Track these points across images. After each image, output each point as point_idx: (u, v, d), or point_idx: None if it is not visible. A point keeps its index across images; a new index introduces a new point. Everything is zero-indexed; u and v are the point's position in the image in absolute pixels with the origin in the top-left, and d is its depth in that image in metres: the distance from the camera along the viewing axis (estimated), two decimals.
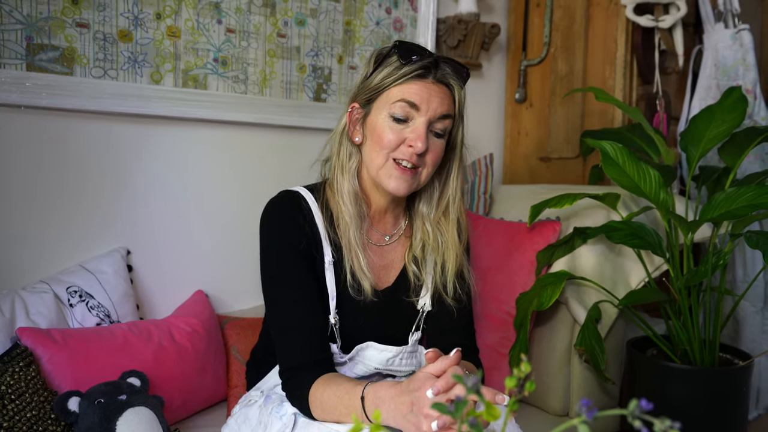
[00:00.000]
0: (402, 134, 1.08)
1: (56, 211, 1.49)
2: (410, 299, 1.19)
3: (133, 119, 1.57)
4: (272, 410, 1.08)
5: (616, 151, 1.49)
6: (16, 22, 1.40)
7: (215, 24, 1.69)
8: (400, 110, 1.07)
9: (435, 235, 1.19)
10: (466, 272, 1.21)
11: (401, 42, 1.10)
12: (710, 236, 1.61)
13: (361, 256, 1.12)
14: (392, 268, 1.20)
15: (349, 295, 1.12)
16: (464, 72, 1.14)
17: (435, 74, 1.09)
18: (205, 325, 1.53)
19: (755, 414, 2.18)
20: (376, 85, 1.10)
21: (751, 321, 2.17)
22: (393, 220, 1.22)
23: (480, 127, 2.36)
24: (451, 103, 1.11)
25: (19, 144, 1.43)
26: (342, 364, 1.15)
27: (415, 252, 1.19)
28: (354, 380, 1.00)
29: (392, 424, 0.89)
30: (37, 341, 1.23)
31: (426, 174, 1.12)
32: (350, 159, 1.15)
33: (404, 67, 1.07)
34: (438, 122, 1.09)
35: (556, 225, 1.65)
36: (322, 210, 1.14)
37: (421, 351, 1.22)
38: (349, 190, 1.13)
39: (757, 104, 2.09)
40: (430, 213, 1.19)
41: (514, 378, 0.54)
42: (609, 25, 2.07)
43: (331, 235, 1.13)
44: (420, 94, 1.07)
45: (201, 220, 1.71)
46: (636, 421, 0.44)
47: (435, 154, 1.11)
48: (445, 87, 1.10)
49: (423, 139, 1.07)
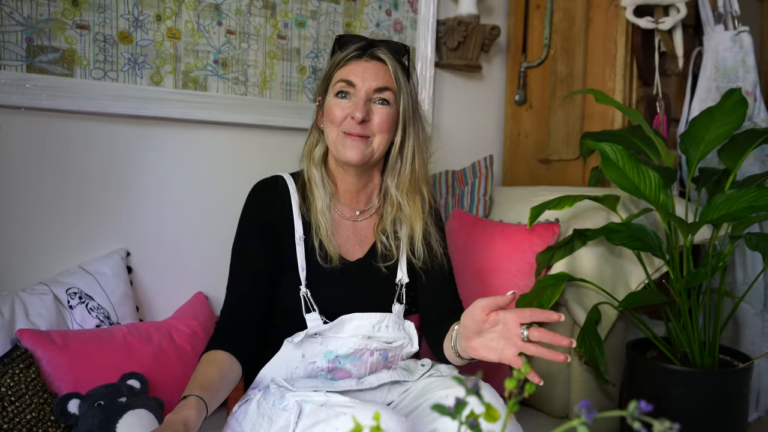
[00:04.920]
0: (346, 110, 1.20)
1: (56, 212, 1.49)
2: (378, 264, 1.26)
3: (133, 121, 1.58)
4: (274, 403, 1.07)
5: (616, 153, 1.49)
6: (16, 24, 1.40)
7: (215, 25, 1.69)
8: (341, 88, 1.21)
9: (402, 203, 1.28)
10: (434, 241, 1.30)
11: (340, 35, 1.27)
12: (710, 238, 1.61)
13: (327, 226, 1.22)
14: (365, 242, 1.29)
15: (319, 264, 1.21)
16: (400, 47, 1.27)
17: (369, 53, 1.22)
18: (204, 327, 1.53)
19: (755, 416, 2.18)
20: (325, 75, 1.26)
21: (751, 323, 2.17)
22: (366, 198, 1.31)
23: (480, 129, 2.36)
24: (389, 77, 1.22)
25: (19, 145, 1.43)
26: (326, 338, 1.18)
27: (385, 225, 1.29)
28: (205, 375, 1.05)
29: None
30: (37, 343, 1.23)
31: (378, 141, 1.22)
32: (316, 145, 1.29)
33: (342, 53, 1.23)
34: (376, 93, 1.21)
35: (555, 227, 1.65)
36: (299, 191, 1.26)
37: (409, 325, 1.27)
38: (314, 174, 1.26)
39: (756, 106, 2.10)
40: (393, 182, 1.28)
41: (514, 379, 0.54)
42: (609, 27, 2.07)
43: (304, 213, 1.25)
44: (355, 72, 1.20)
45: (201, 222, 1.71)
46: (636, 423, 0.44)
47: (381, 121, 1.21)
48: (380, 62, 1.22)
49: (361, 109, 1.18)
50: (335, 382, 1.17)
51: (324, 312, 1.20)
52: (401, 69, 1.25)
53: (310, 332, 1.17)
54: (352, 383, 1.17)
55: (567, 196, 1.58)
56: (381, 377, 1.20)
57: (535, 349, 0.97)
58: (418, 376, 1.23)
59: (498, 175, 2.40)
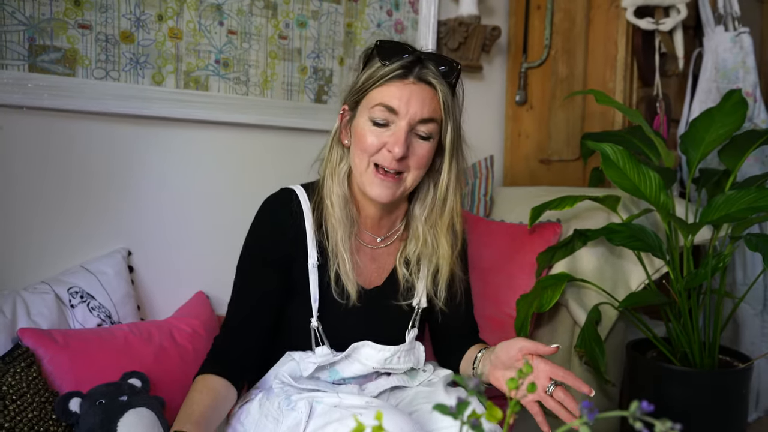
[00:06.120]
0: (382, 138, 1.05)
1: (57, 212, 1.49)
2: (398, 302, 1.17)
3: (134, 120, 1.58)
4: (280, 404, 1.06)
5: (617, 154, 1.50)
6: (18, 24, 1.40)
7: (217, 25, 1.69)
8: (380, 114, 1.04)
9: (429, 239, 1.16)
10: (457, 281, 1.20)
11: (382, 41, 1.06)
12: (710, 239, 1.61)
13: (347, 260, 1.09)
14: (384, 269, 1.19)
15: (334, 298, 1.11)
16: (453, 66, 1.09)
17: (416, 73, 1.04)
18: (206, 326, 1.53)
19: (755, 416, 2.18)
20: (359, 88, 1.08)
21: (751, 323, 2.17)
22: (389, 224, 1.20)
23: (480, 129, 2.36)
24: (436, 104, 1.06)
25: (21, 145, 1.44)
26: (335, 363, 1.14)
27: (408, 254, 1.17)
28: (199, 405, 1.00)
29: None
30: (39, 342, 1.23)
31: (412, 178, 1.09)
32: (340, 162, 1.13)
33: (385, 67, 1.04)
34: (421, 125, 1.05)
35: (556, 227, 1.66)
36: (314, 211, 1.12)
37: (418, 347, 1.21)
38: (338, 194, 1.11)
39: (756, 107, 2.10)
40: (423, 214, 1.16)
41: (515, 380, 0.55)
42: (609, 27, 2.08)
43: (318, 237, 1.12)
44: (399, 97, 1.03)
45: (202, 221, 1.71)
46: (637, 423, 0.44)
47: (419, 158, 1.07)
48: (428, 86, 1.05)
49: (402, 144, 1.03)
50: (337, 387, 1.15)
51: (334, 345, 1.13)
52: (451, 94, 1.08)
53: (320, 364, 1.12)
54: (354, 389, 1.14)
55: (567, 197, 1.59)
56: (380, 384, 1.18)
57: (554, 404, 1.00)
58: (419, 381, 1.21)
59: (498, 176, 2.40)
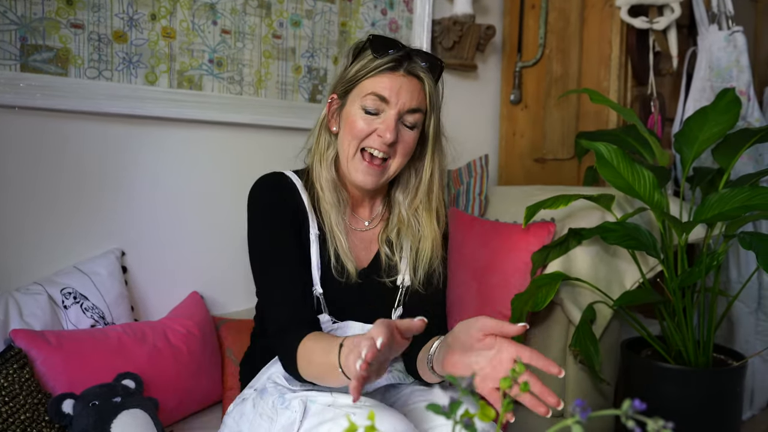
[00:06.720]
0: (373, 124, 1.13)
1: (50, 212, 1.48)
2: (382, 279, 1.22)
3: (128, 120, 1.57)
4: (274, 402, 1.06)
5: (611, 153, 1.50)
6: (10, 23, 1.39)
7: (210, 25, 1.68)
8: (371, 103, 1.12)
9: (411, 221, 1.23)
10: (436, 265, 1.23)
11: (375, 36, 1.15)
12: (704, 237, 1.61)
13: (344, 240, 1.16)
14: (369, 250, 1.25)
15: (332, 275, 1.16)
16: (437, 63, 1.18)
17: (406, 67, 1.13)
18: (200, 327, 1.52)
19: (749, 414, 2.19)
20: (351, 78, 1.16)
21: (745, 322, 2.18)
22: (371, 206, 1.27)
23: (475, 129, 2.37)
24: (423, 96, 1.15)
25: (13, 145, 1.43)
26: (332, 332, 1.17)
27: (389, 234, 1.24)
28: (338, 336, 0.99)
29: None
30: (31, 343, 1.22)
31: (395, 165, 1.16)
32: (328, 148, 1.21)
33: (377, 60, 1.12)
34: (408, 115, 1.13)
35: (551, 226, 1.66)
36: (307, 190, 1.20)
37: None
38: (326, 178, 1.19)
39: (750, 106, 2.11)
40: (405, 200, 1.23)
41: (509, 379, 0.54)
42: (603, 26, 2.08)
43: (316, 211, 1.18)
44: (390, 87, 1.11)
45: (196, 221, 1.70)
46: (629, 422, 0.44)
47: (405, 145, 1.15)
48: (416, 79, 1.14)
49: (392, 130, 1.11)
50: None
51: (330, 310, 1.18)
52: (435, 88, 1.18)
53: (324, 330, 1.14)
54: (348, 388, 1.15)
55: (562, 196, 1.59)
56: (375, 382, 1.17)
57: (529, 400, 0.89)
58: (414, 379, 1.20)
59: (493, 175, 2.41)
